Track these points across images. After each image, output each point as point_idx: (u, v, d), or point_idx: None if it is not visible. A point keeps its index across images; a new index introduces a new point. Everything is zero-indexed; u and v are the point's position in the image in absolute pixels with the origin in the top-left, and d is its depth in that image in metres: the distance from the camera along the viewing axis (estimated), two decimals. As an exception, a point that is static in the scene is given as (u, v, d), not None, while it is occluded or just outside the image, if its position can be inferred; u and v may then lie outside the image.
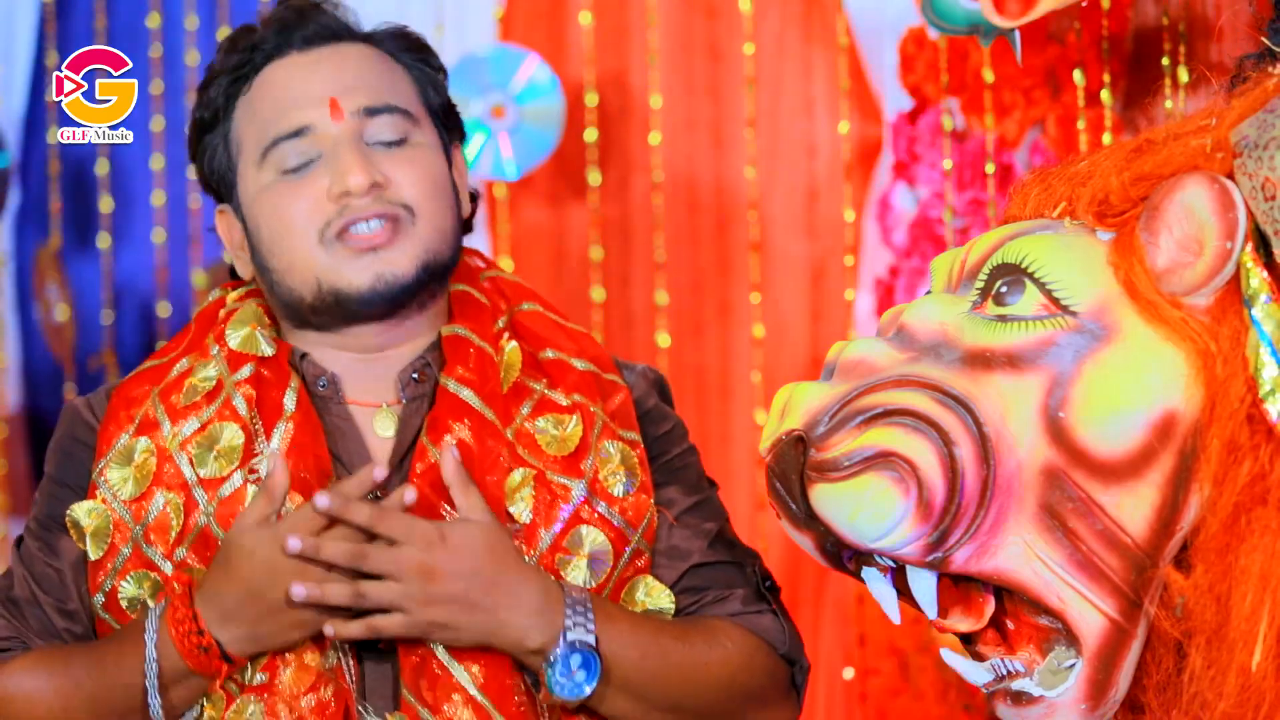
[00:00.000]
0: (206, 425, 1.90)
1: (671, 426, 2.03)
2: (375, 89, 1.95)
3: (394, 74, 1.99)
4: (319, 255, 1.89)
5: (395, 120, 1.94)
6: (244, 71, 1.96)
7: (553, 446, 1.92)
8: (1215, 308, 1.55)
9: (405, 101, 1.97)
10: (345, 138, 1.91)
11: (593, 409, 1.94)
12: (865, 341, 1.62)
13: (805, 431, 1.56)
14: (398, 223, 1.90)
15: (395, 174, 1.91)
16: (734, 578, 1.98)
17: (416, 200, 1.92)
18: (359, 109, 1.93)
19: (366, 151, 1.91)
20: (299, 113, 1.92)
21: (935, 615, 1.61)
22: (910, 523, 1.52)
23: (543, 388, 1.95)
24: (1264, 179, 1.51)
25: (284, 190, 1.92)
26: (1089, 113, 3.08)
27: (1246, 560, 1.49)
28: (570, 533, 1.89)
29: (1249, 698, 1.48)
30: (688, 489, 2.01)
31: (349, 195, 1.89)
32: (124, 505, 1.90)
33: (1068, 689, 1.57)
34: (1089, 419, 1.54)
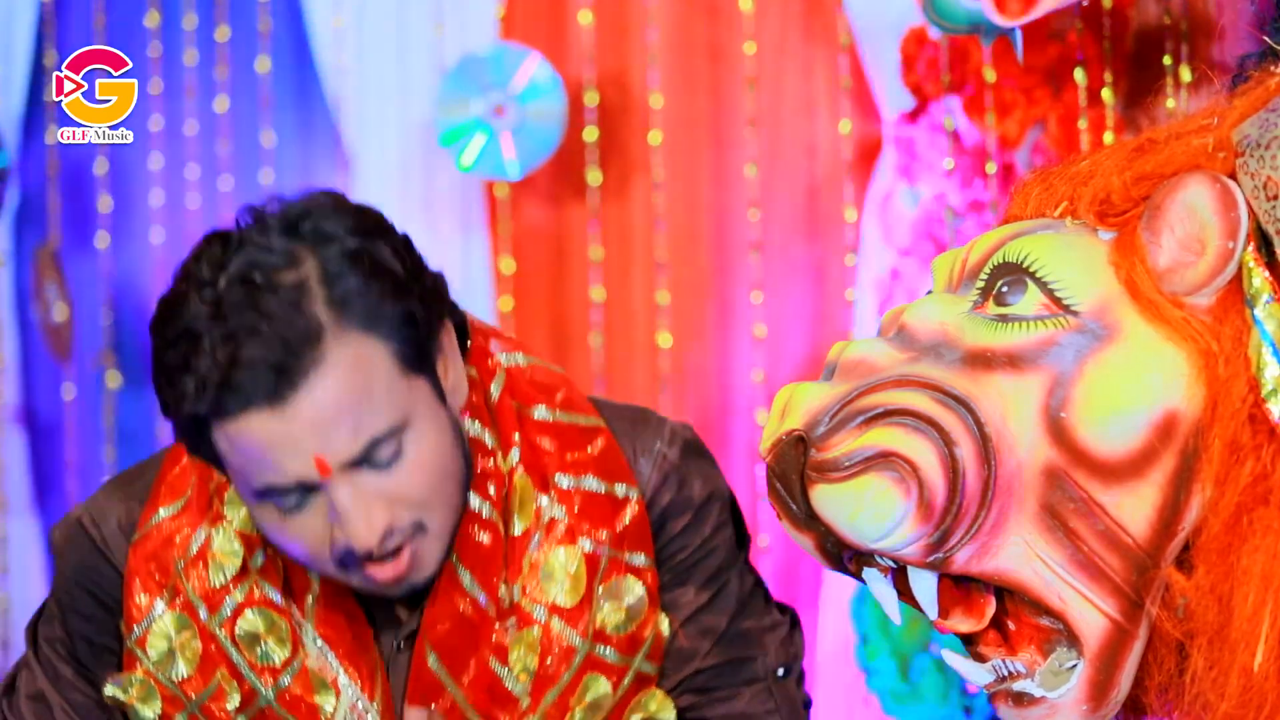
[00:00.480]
0: (243, 608, 1.88)
1: (692, 516, 1.97)
2: (359, 424, 1.73)
3: (373, 376, 1.75)
4: (335, 571, 1.80)
5: (387, 443, 1.75)
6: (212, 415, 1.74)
7: (561, 592, 1.89)
8: (1217, 307, 1.54)
9: (392, 412, 1.76)
10: (341, 489, 1.74)
11: (598, 550, 1.91)
12: (866, 341, 1.61)
13: (806, 431, 1.55)
14: (411, 544, 1.79)
15: (395, 490, 1.77)
16: (740, 675, 1.97)
17: (425, 509, 1.79)
18: (346, 459, 1.73)
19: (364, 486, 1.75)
20: (285, 471, 1.74)
21: (936, 616, 1.60)
22: (911, 523, 1.51)
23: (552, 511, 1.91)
24: (1266, 178, 1.51)
25: (285, 524, 1.78)
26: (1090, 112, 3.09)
27: (1248, 561, 1.48)
28: (576, 687, 1.90)
29: (1251, 699, 1.47)
30: (702, 583, 1.97)
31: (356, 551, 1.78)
32: (174, 682, 1.89)
33: (1069, 690, 1.56)
34: (1090, 419, 1.53)
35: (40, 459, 4.22)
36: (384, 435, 1.75)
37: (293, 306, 1.71)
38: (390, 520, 1.75)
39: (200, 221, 4.03)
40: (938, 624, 1.62)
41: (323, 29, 3.93)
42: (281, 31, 4.00)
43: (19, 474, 4.19)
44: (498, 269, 3.84)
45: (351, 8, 3.89)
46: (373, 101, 3.92)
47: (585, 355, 3.78)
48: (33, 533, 4.17)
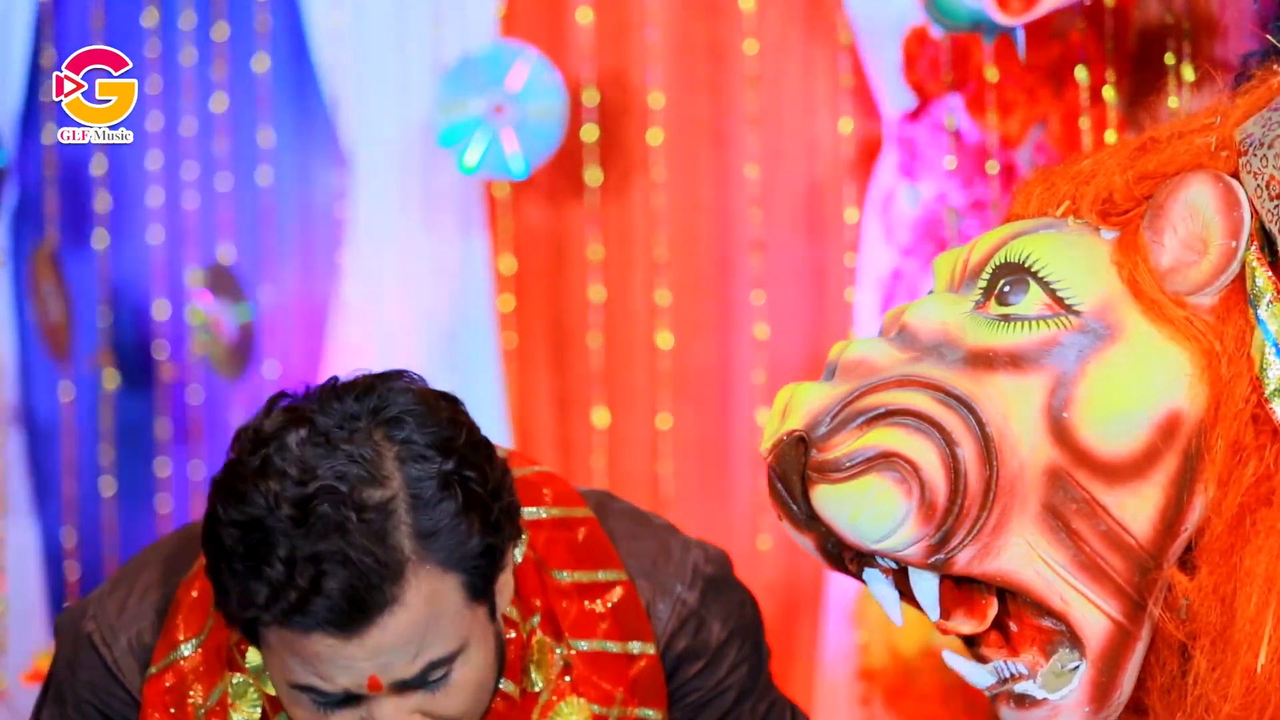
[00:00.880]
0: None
1: (708, 661, 1.95)
2: (420, 650, 1.72)
3: (444, 609, 1.73)
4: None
5: (438, 669, 1.74)
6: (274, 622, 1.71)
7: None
8: (1220, 307, 1.54)
9: (453, 641, 1.74)
10: (385, 705, 1.73)
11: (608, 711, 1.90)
12: (867, 341, 1.61)
13: (807, 432, 1.55)
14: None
15: (435, 708, 1.75)
16: None
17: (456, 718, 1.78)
18: (399, 680, 1.72)
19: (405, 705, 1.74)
20: (333, 682, 1.72)
21: (937, 617, 1.60)
22: (912, 524, 1.51)
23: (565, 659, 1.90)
24: (1269, 177, 1.51)
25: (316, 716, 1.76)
26: (1092, 111, 3.08)
27: (1251, 561, 1.48)
28: None
29: (1254, 700, 1.47)
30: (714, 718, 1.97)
31: None
32: None
33: (1071, 691, 1.56)
34: (1092, 419, 1.53)
35: (38, 459, 4.22)
36: (440, 661, 1.73)
37: (378, 535, 1.67)
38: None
39: (199, 221, 4.03)
40: (939, 625, 1.61)
41: (321, 28, 3.93)
42: (280, 31, 4.00)
43: (17, 474, 4.19)
44: (498, 269, 3.84)
45: (350, 7, 3.89)
46: (371, 101, 3.92)
47: (585, 355, 3.78)
48: (31, 533, 4.17)
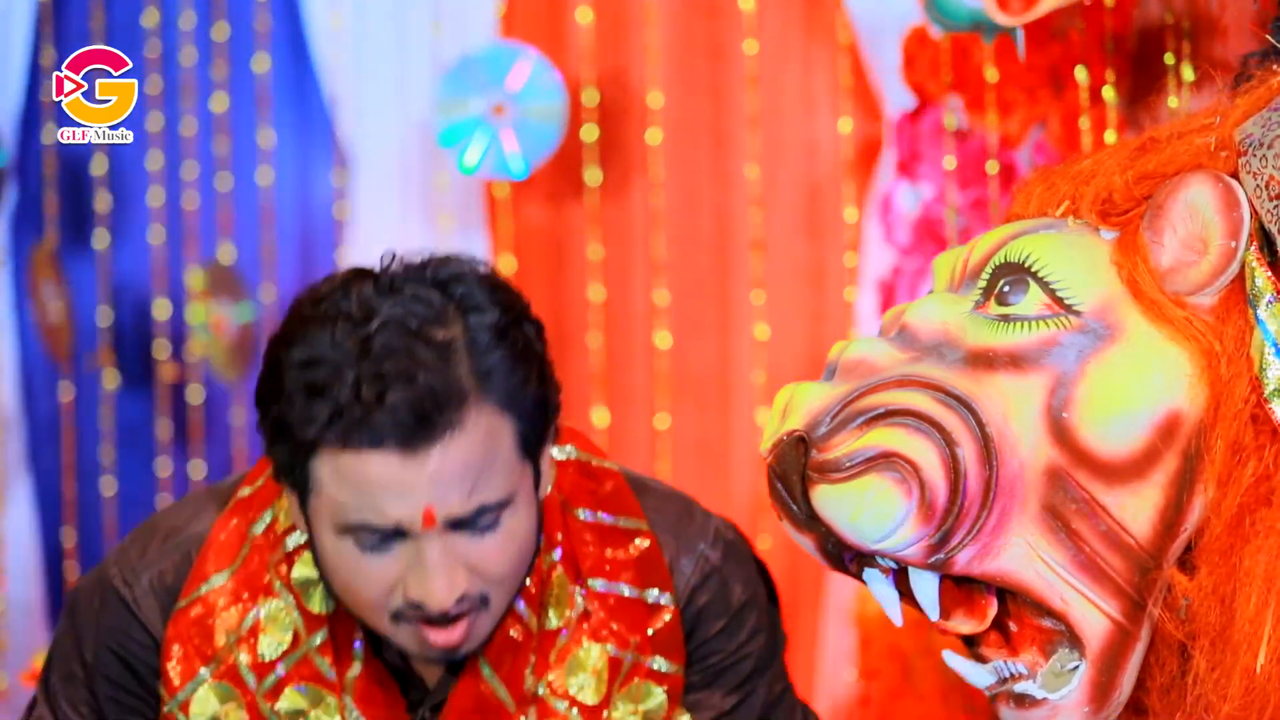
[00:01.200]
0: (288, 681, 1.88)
1: (725, 623, 1.97)
2: (475, 487, 1.76)
3: (498, 450, 1.78)
4: (386, 625, 1.80)
5: (490, 512, 1.78)
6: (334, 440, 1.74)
7: (585, 689, 1.90)
8: (1219, 307, 1.54)
9: (504, 488, 1.78)
10: (434, 544, 1.76)
11: (623, 655, 1.92)
12: (867, 341, 1.61)
13: (807, 432, 1.55)
14: (471, 615, 1.80)
15: (478, 560, 1.78)
16: None
17: (495, 585, 1.80)
18: (452, 517, 1.76)
19: (453, 546, 1.77)
20: (388, 514, 1.75)
21: (937, 617, 1.60)
22: (912, 524, 1.51)
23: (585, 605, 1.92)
24: (1269, 177, 1.51)
25: (360, 563, 1.78)
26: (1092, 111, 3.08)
27: (1251, 562, 1.49)
28: None
29: (1253, 700, 1.48)
30: (730, 689, 1.97)
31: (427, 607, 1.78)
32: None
33: (1071, 691, 1.57)
34: (1092, 419, 1.53)
35: (38, 459, 4.21)
36: (493, 505, 1.76)
37: (443, 363, 1.73)
38: (467, 587, 1.76)
39: (199, 220, 4.03)
40: (939, 625, 1.61)
41: (321, 28, 3.92)
42: (280, 31, 4.00)
43: (17, 474, 4.18)
44: (497, 269, 3.84)
45: (350, 7, 3.89)
46: (371, 101, 3.91)
47: (584, 355, 3.77)
48: (31, 533, 4.17)
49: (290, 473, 1.78)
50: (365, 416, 1.71)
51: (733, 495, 3.66)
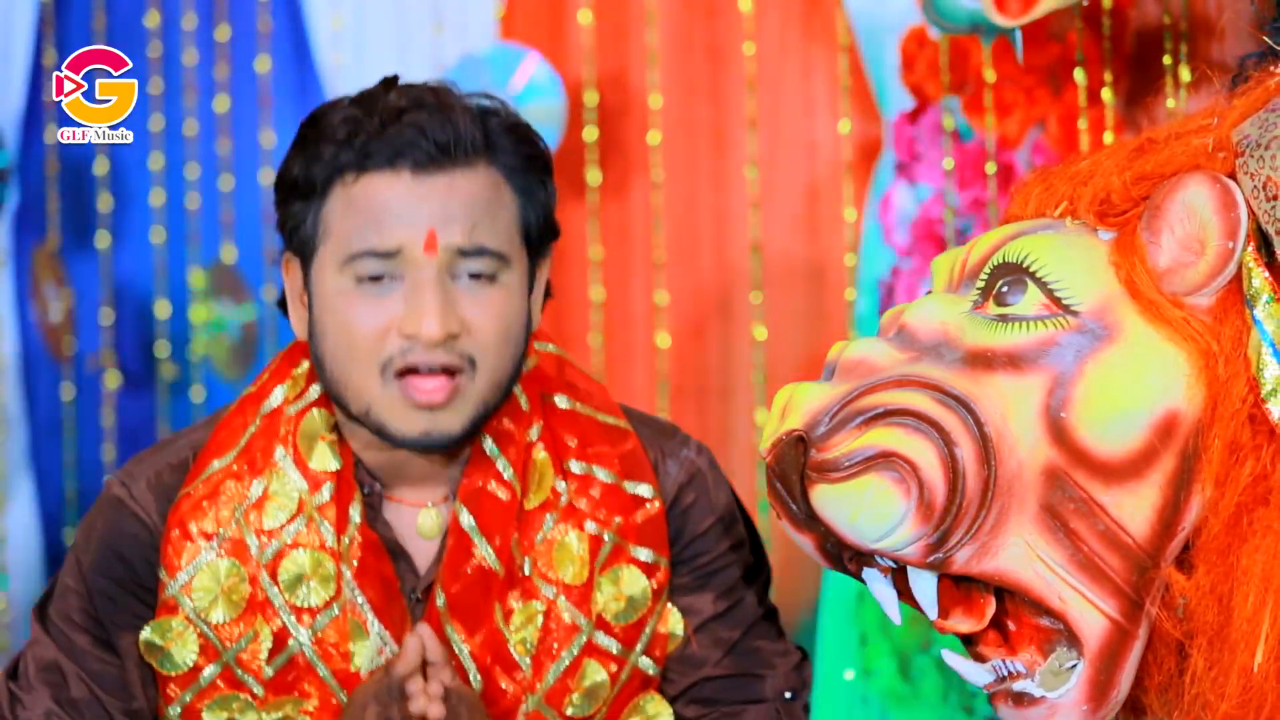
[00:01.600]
0: (292, 549, 1.90)
1: (713, 522, 2.01)
2: (476, 225, 1.87)
3: (500, 206, 1.90)
4: (374, 387, 1.86)
5: (487, 260, 1.87)
6: (350, 164, 1.87)
7: (569, 571, 1.93)
8: (1217, 307, 1.55)
9: (502, 241, 1.89)
10: (432, 274, 1.85)
11: (606, 534, 1.94)
12: (866, 341, 1.62)
13: (806, 431, 1.55)
14: (457, 378, 1.86)
15: (471, 316, 1.86)
16: (748, 692, 1.99)
17: (483, 351, 1.87)
18: (453, 246, 1.85)
19: (449, 289, 1.86)
20: (392, 234, 1.85)
21: (936, 616, 1.60)
22: (911, 523, 1.52)
23: (568, 495, 1.95)
24: (1266, 178, 1.51)
25: (357, 302, 1.86)
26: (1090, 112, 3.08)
27: (1248, 561, 1.49)
28: (576, 669, 1.92)
29: (1251, 699, 1.48)
30: (720, 593, 1.99)
31: (418, 339, 1.84)
32: (212, 628, 1.90)
33: (1069, 690, 1.56)
34: (1090, 419, 1.54)
35: (40, 458, 4.21)
36: (490, 252, 1.87)
37: (461, 115, 1.88)
38: (458, 331, 1.84)
39: (200, 221, 4.03)
40: (938, 624, 1.62)
41: (323, 29, 3.93)
42: (282, 31, 4.00)
43: (19, 474, 4.18)
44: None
45: (351, 8, 3.89)
46: (372, 101, 3.91)
47: (584, 355, 3.77)
48: (33, 532, 4.17)
49: (300, 230, 1.89)
50: (382, 132, 1.85)
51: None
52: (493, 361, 1.87)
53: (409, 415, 1.86)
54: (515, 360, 1.91)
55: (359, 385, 1.86)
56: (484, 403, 1.88)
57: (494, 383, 1.88)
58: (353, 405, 1.88)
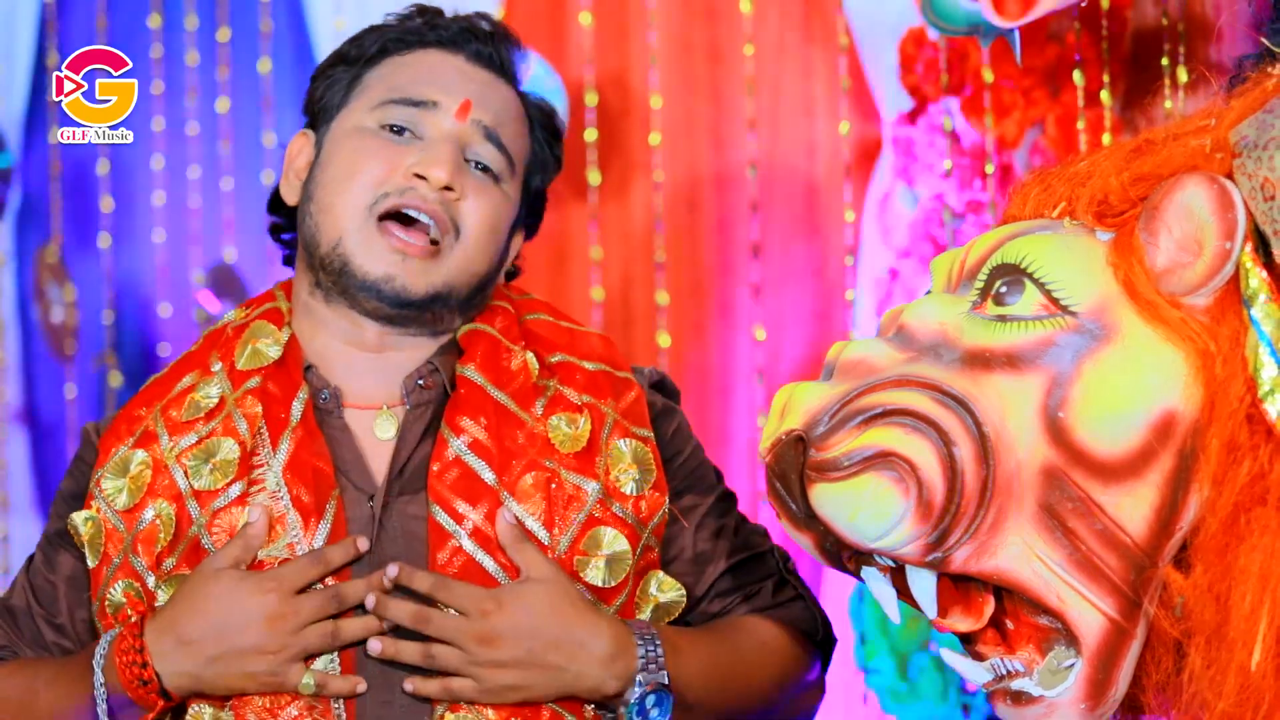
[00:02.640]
0: (204, 440, 1.91)
1: (678, 424, 2.05)
2: (503, 123, 1.99)
3: (520, 134, 2.03)
4: (355, 219, 1.92)
5: (500, 156, 1.98)
6: (411, 40, 2.01)
7: (566, 444, 1.92)
8: (1214, 308, 1.55)
9: (515, 153, 2.01)
10: (454, 136, 1.95)
11: (603, 407, 1.95)
12: (865, 341, 1.62)
13: (805, 431, 1.56)
14: (439, 238, 1.92)
15: (468, 200, 1.94)
16: (759, 570, 2.03)
17: (470, 228, 1.94)
18: (481, 123, 1.97)
19: (460, 161, 1.94)
20: (435, 91, 1.97)
21: (935, 615, 1.61)
22: (910, 522, 1.52)
23: (555, 384, 1.96)
24: (1263, 179, 1.51)
25: (373, 142, 1.95)
26: (1088, 113, 3.09)
27: (1246, 560, 1.49)
28: (587, 534, 1.90)
29: (1248, 697, 1.48)
30: (704, 489, 2.03)
31: (422, 180, 1.91)
32: (117, 515, 1.91)
33: (1067, 688, 1.57)
34: (1088, 419, 1.54)
35: (42, 459, 4.22)
36: (505, 146, 1.98)
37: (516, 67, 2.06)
38: (458, 192, 1.92)
39: (202, 221, 4.04)
40: (936, 623, 1.62)
41: (324, 30, 3.93)
42: (283, 32, 4.00)
43: (20, 474, 4.19)
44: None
45: (352, 8, 3.89)
46: (373, 102, 3.91)
47: (585, 355, 3.77)
48: (34, 532, 4.17)
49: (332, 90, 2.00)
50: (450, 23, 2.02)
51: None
52: (474, 242, 1.94)
53: (380, 255, 1.90)
54: (492, 263, 1.97)
55: (342, 212, 1.92)
56: (450, 281, 1.93)
57: (465, 267, 1.94)
58: (326, 236, 1.92)
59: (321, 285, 1.96)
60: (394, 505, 1.90)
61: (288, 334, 1.98)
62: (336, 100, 2.00)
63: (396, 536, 1.89)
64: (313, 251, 1.95)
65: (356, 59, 2.01)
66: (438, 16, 2.04)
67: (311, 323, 1.98)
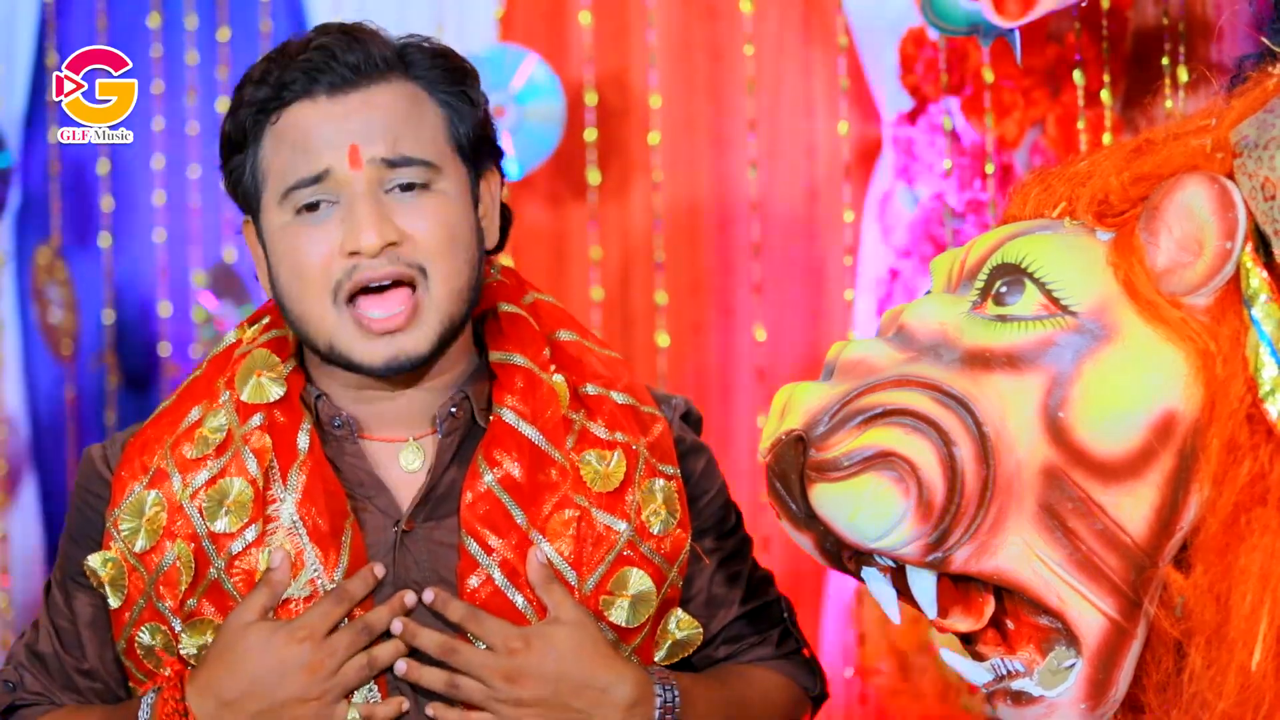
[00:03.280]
0: (216, 479, 1.90)
1: (707, 462, 2.05)
2: (398, 138, 1.89)
3: (422, 116, 1.92)
4: (330, 317, 1.88)
5: (415, 169, 1.89)
6: (271, 105, 1.91)
7: (597, 483, 1.92)
8: (1215, 307, 1.54)
9: (428, 149, 1.91)
10: (362, 188, 1.87)
11: (635, 446, 1.95)
12: (865, 341, 1.62)
13: (805, 431, 1.56)
14: (413, 294, 1.88)
15: (411, 226, 1.88)
16: (767, 619, 2.06)
17: (431, 258, 1.88)
18: (378, 159, 1.88)
19: (383, 202, 1.87)
20: (318, 158, 1.88)
21: (935, 615, 1.61)
22: (910, 522, 1.52)
23: (582, 419, 1.95)
24: (1264, 179, 1.51)
25: (299, 233, 1.89)
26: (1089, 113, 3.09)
27: (1246, 560, 1.49)
28: (615, 575, 1.91)
29: (1248, 697, 1.48)
30: (724, 533, 2.04)
31: (360, 255, 1.86)
32: (136, 558, 1.90)
33: (1067, 689, 1.57)
34: (1088, 419, 1.54)
35: (42, 458, 4.22)
36: (417, 160, 1.89)
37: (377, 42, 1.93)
38: (397, 239, 1.86)
39: (202, 221, 4.04)
40: (936, 623, 1.62)
41: (324, 30, 3.93)
42: (283, 32, 4.00)
43: (19, 473, 4.19)
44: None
45: (352, 8, 3.89)
46: (373, 102, 3.91)
47: (585, 355, 3.78)
48: (35, 532, 4.17)
49: (243, 183, 1.95)
50: (294, 63, 1.90)
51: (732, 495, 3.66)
52: (443, 268, 1.89)
53: (369, 344, 1.87)
54: (470, 269, 1.92)
55: (317, 318, 1.88)
56: (445, 316, 1.89)
57: (451, 291, 1.89)
58: (318, 342, 1.90)
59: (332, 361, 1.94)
60: (420, 530, 1.90)
61: (291, 366, 1.97)
62: (250, 190, 1.95)
63: (423, 561, 1.89)
64: (313, 346, 1.92)
65: (241, 141, 1.96)
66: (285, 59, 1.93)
67: (327, 371, 1.96)
